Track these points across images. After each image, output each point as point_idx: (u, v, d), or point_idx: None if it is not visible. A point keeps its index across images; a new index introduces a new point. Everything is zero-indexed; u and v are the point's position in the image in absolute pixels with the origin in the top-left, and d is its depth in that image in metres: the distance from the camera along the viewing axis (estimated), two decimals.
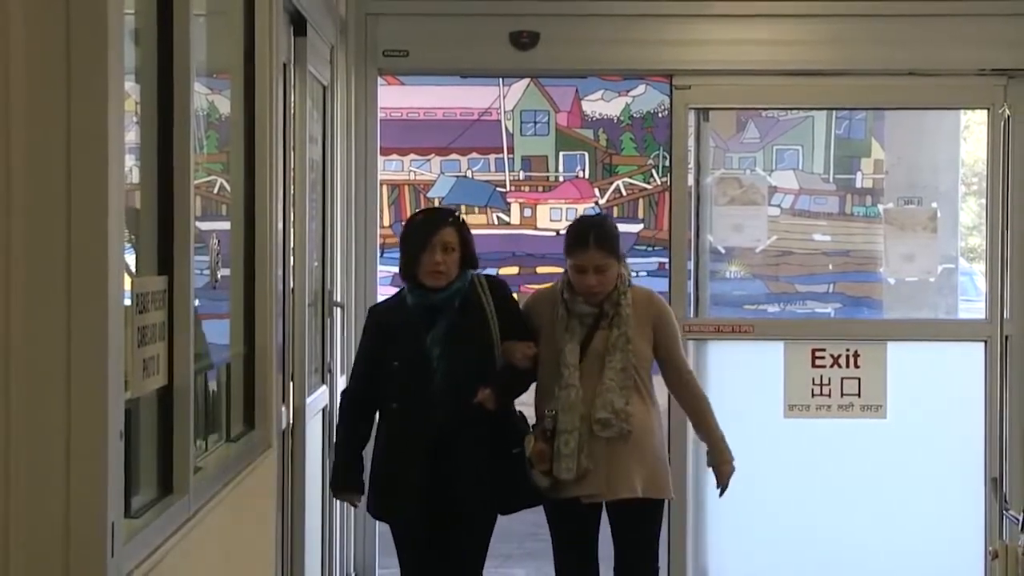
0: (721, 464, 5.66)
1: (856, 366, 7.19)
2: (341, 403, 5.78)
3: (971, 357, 7.25)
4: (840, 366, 7.16)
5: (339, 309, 6.81)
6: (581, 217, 6.13)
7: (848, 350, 7.17)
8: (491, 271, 8.94)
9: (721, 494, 5.71)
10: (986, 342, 7.21)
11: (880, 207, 10.73)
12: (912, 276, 7.82)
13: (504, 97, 8.98)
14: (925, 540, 7.24)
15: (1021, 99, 7.18)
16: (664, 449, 5.73)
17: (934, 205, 7.76)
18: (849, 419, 7.19)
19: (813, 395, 7.20)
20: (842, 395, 7.18)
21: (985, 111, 7.25)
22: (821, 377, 7.19)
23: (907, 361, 7.30)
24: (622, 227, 9.33)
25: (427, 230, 5.42)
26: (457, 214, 5.63)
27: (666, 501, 5.72)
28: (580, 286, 5.52)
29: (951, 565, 7.23)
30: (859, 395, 7.19)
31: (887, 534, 7.20)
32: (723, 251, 7.75)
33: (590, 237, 5.50)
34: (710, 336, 7.20)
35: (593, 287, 5.50)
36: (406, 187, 9.22)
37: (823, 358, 7.19)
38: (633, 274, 5.93)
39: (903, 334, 7.50)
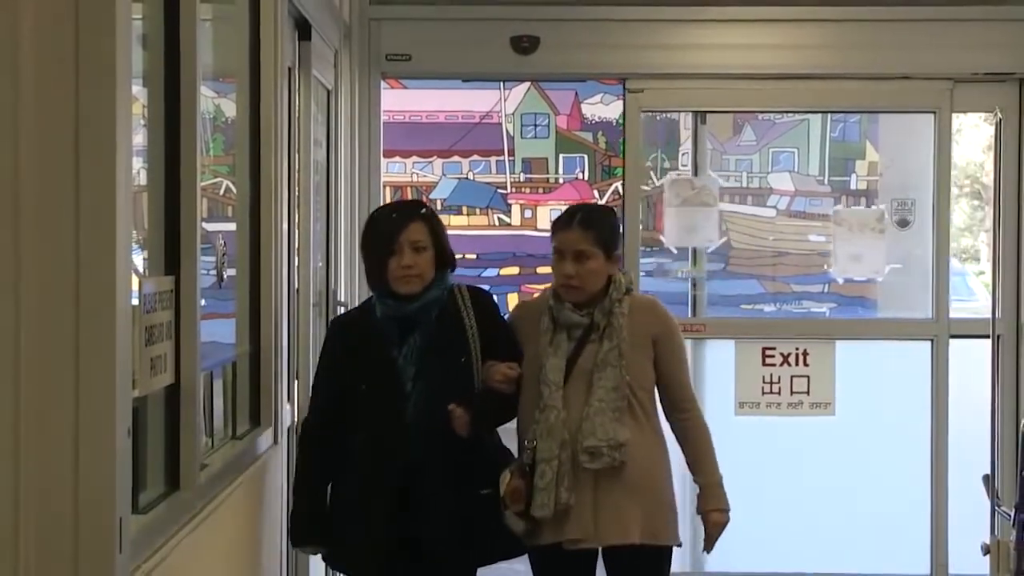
0: (714, 511, 4.72)
1: (805, 364, 7.21)
2: (300, 438, 4.85)
3: (918, 355, 7.28)
4: (790, 364, 7.19)
5: (343, 308, 6.80)
6: (579, 203, 5.22)
7: (797, 349, 7.19)
8: (492, 271, 8.94)
9: (708, 549, 4.80)
10: (932, 341, 7.23)
11: (875, 208, 10.73)
12: (860, 276, 7.84)
13: (505, 100, 8.97)
14: (872, 536, 7.25)
15: (1012, 102, 7.19)
16: (669, 485, 4.75)
17: (882, 207, 7.77)
18: (799, 416, 7.22)
19: (763, 393, 7.22)
20: (791, 393, 7.20)
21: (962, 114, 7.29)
22: (771, 375, 7.21)
23: (855, 359, 7.33)
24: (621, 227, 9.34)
25: (391, 228, 4.55)
26: (425, 207, 4.73)
27: (672, 548, 4.77)
28: (556, 276, 4.67)
29: (897, 560, 7.28)
30: (808, 393, 7.21)
31: (836, 528, 7.20)
32: (675, 251, 7.75)
33: (577, 216, 4.68)
34: None
35: (569, 278, 4.61)
36: (409, 189, 9.22)
37: (773, 357, 7.22)
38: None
39: (850, 333, 7.51)
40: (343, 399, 4.60)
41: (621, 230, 4.84)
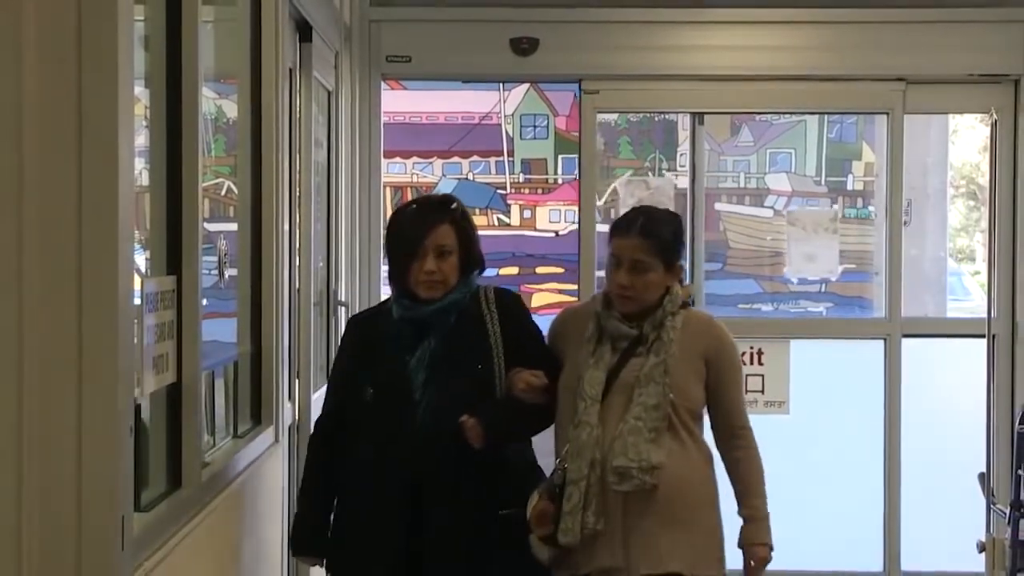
0: (759, 545, 4.30)
1: (760, 363, 7.20)
2: (311, 440, 4.54)
3: (872, 354, 7.28)
4: (745, 363, 7.18)
5: (343, 308, 6.80)
6: (644, 205, 4.73)
7: (752, 348, 7.18)
8: (491, 272, 8.93)
9: None
10: (885, 339, 7.25)
11: (870, 208, 10.73)
12: (813, 276, 7.83)
13: (504, 101, 8.96)
14: (827, 533, 7.28)
15: (1007, 103, 7.20)
16: (712, 512, 4.30)
17: (835, 207, 7.76)
18: (753, 415, 7.19)
19: None
20: (746, 391, 7.19)
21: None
22: None
23: (810, 358, 7.32)
24: None
25: (416, 231, 4.19)
26: (454, 204, 4.32)
27: None
28: (611, 285, 4.28)
29: (852, 556, 7.30)
30: (763, 391, 7.21)
31: (791, 525, 7.17)
32: None
33: (638, 222, 4.29)
34: None
35: (624, 288, 4.23)
36: (409, 189, 9.21)
37: None
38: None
39: (804, 332, 7.51)
40: (352, 403, 4.25)
41: (685, 237, 4.44)
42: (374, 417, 4.19)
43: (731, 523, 4.30)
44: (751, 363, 7.19)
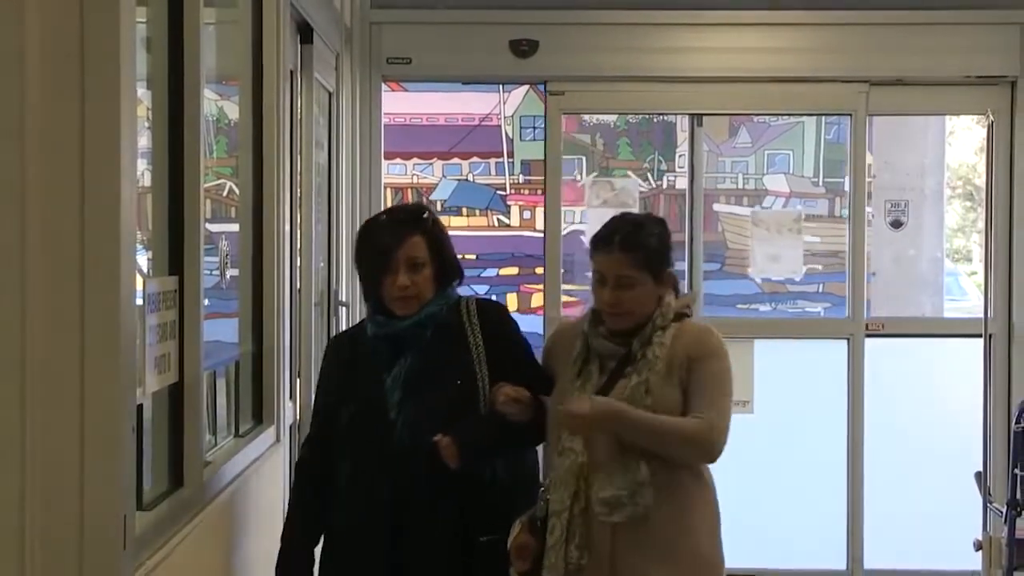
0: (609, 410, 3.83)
1: None
2: (296, 468, 4.28)
3: (835, 354, 7.26)
4: None
5: (344, 308, 6.80)
6: (622, 213, 4.30)
7: None
8: (491, 271, 8.93)
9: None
10: (848, 339, 7.24)
11: (868, 209, 10.73)
12: (778, 276, 7.82)
13: (504, 103, 8.97)
14: (792, 533, 7.27)
15: (1004, 105, 7.20)
16: (709, 540, 3.96)
17: (799, 207, 7.75)
18: None
19: None
20: None
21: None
22: None
23: (774, 358, 7.29)
24: None
25: (386, 244, 3.93)
26: (426, 213, 4.05)
27: None
28: (598, 303, 3.97)
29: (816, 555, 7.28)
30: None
31: (755, 525, 7.15)
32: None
33: (618, 235, 3.95)
34: None
35: (612, 307, 3.92)
36: (409, 190, 9.21)
37: None
38: None
39: (768, 332, 7.48)
40: (334, 423, 4.01)
41: (670, 241, 4.04)
42: (352, 437, 3.97)
43: (733, 545, 4.08)
44: None
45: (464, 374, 3.94)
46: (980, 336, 7.07)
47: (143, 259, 3.59)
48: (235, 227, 4.78)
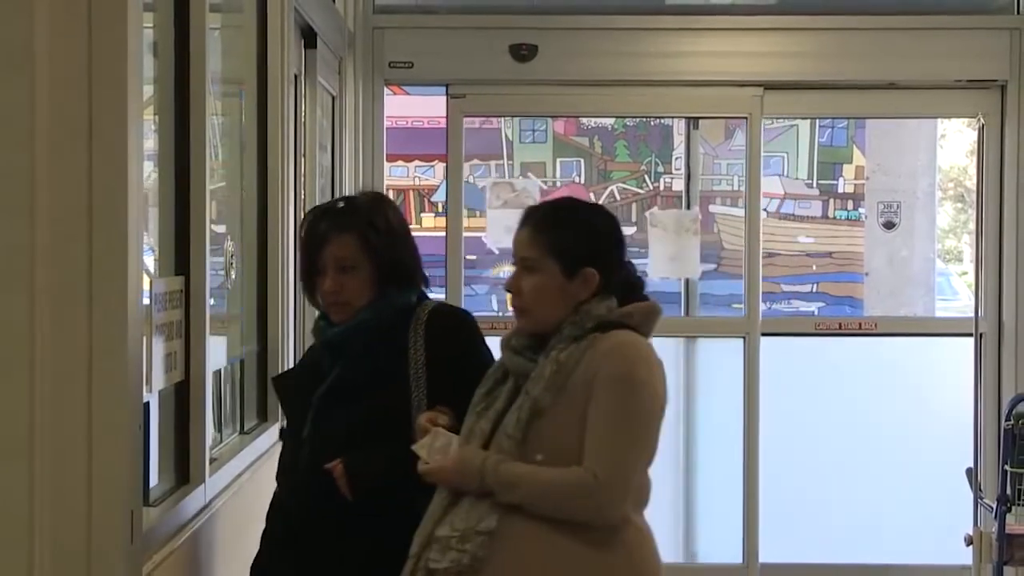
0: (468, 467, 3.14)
1: None
2: None
3: (720, 350, 7.25)
4: None
5: None
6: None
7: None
8: (491, 272, 8.93)
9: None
10: (744, 338, 7.19)
11: (861, 211, 10.74)
12: (675, 276, 7.79)
13: None
14: (689, 526, 7.27)
15: (994, 108, 7.20)
16: None
17: (695, 208, 7.72)
18: None
19: None
20: None
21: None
22: None
23: (713, 356, 7.27)
24: None
25: (313, 243, 3.47)
26: (365, 210, 3.50)
27: None
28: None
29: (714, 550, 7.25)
30: None
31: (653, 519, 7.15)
32: (497, 251, 7.70)
33: (539, 211, 3.35)
34: None
35: (512, 296, 3.26)
36: (411, 192, 9.23)
37: None
38: None
39: (664, 331, 7.45)
40: None
41: (610, 240, 3.34)
42: (281, 454, 3.62)
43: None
44: None
45: (395, 390, 3.39)
46: (971, 335, 7.07)
47: (150, 259, 3.58)
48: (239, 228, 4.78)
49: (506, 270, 8.81)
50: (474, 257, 8.57)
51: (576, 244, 3.26)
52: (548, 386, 3.13)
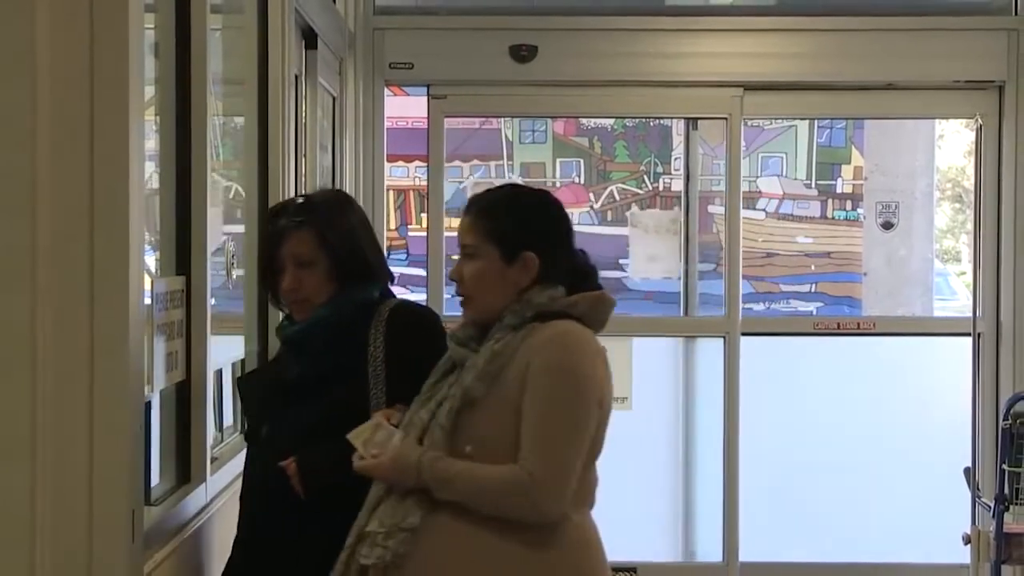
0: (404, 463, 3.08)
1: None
2: None
3: (712, 351, 7.23)
4: None
5: None
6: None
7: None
8: None
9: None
10: (725, 337, 7.18)
11: (860, 211, 10.74)
12: (655, 275, 7.78)
13: None
14: (670, 525, 7.24)
15: (992, 109, 7.20)
16: None
17: (677, 209, 7.70)
18: None
19: None
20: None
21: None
22: None
23: (651, 355, 7.25)
24: (614, 231, 9.33)
25: (270, 239, 3.45)
26: (322, 206, 3.47)
27: None
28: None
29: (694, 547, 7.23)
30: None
31: (631, 518, 7.11)
32: None
33: (480, 199, 3.28)
34: None
35: (456, 283, 3.22)
36: (411, 192, 9.23)
37: None
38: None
39: (646, 330, 7.46)
40: None
41: (551, 223, 3.25)
42: (245, 457, 3.57)
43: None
44: None
45: (354, 386, 3.33)
46: (969, 335, 7.08)
47: (151, 259, 3.59)
48: (241, 228, 4.78)
49: None
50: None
51: (514, 229, 3.19)
52: (481, 376, 3.06)
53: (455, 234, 3.30)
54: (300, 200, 3.57)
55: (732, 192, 7.19)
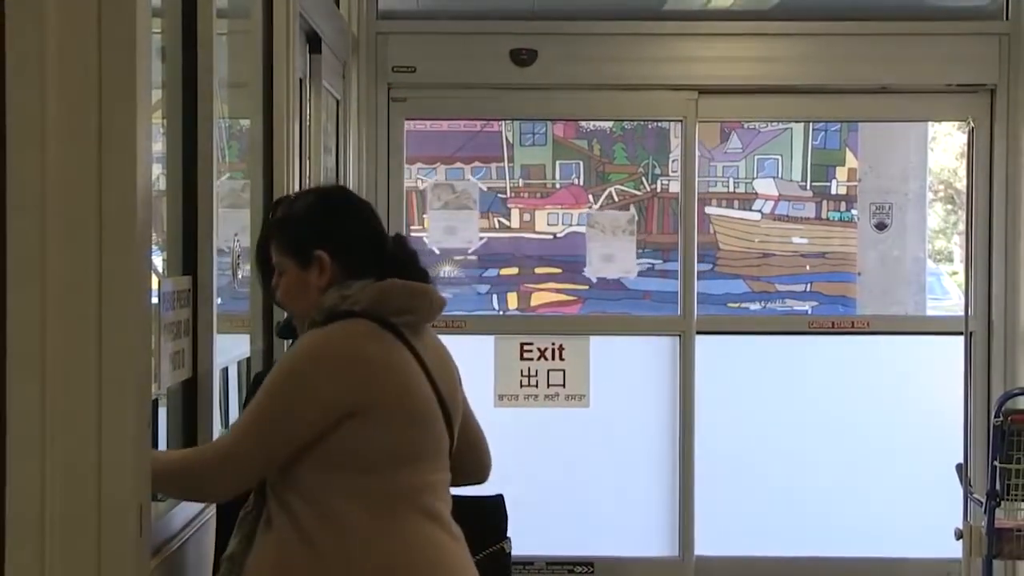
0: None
1: (561, 359, 7.15)
2: None
3: (664, 350, 7.25)
4: (547, 359, 7.13)
5: None
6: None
7: (554, 344, 7.14)
8: (492, 271, 8.93)
9: None
10: (680, 336, 7.22)
11: (854, 212, 10.74)
12: (612, 275, 7.78)
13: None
14: (627, 520, 7.22)
15: (983, 112, 7.21)
16: None
17: (631, 210, 7.71)
18: (555, 408, 7.17)
19: (522, 386, 7.14)
20: (548, 386, 7.14)
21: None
22: (529, 369, 7.14)
23: (608, 354, 7.27)
24: None
25: (262, 237, 3.38)
26: (274, 214, 3.30)
27: None
28: None
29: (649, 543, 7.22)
30: (564, 385, 7.16)
31: (590, 512, 7.10)
32: (438, 252, 7.73)
33: (270, 224, 3.27)
34: None
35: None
36: (413, 194, 9.22)
37: (531, 351, 7.15)
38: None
39: (602, 329, 7.46)
40: None
41: (323, 217, 3.16)
42: None
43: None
44: (553, 359, 7.13)
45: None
46: (961, 333, 7.08)
47: (158, 259, 3.59)
48: (246, 228, 4.78)
49: (446, 269, 8.83)
50: (475, 257, 8.58)
51: (298, 232, 3.11)
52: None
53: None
54: (293, 196, 3.48)
55: (687, 195, 7.26)
